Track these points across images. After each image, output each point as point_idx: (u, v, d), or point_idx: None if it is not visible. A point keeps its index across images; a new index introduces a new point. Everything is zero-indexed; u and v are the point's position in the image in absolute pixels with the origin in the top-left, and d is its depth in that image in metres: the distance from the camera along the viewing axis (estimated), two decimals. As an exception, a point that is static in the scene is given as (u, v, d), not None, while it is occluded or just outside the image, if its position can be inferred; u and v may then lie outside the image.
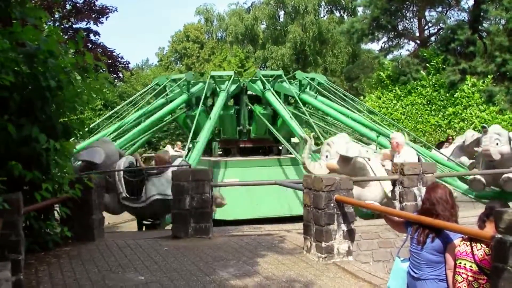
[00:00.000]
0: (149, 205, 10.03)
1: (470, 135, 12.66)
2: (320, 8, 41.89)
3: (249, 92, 16.99)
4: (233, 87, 16.21)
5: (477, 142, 11.23)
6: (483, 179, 10.74)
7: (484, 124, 12.15)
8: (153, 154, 18.21)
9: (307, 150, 9.80)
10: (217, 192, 10.58)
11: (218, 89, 15.99)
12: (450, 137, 19.86)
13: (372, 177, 9.32)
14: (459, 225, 3.97)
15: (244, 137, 16.81)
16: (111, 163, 10.03)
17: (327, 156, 9.44)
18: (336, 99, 16.23)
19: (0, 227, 4.78)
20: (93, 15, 19.25)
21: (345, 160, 9.16)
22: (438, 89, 24.61)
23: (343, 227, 6.37)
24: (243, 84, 16.90)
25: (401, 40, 30.65)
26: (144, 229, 11.09)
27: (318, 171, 9.43)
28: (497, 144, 10.52)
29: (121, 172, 9.94)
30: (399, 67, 26.15)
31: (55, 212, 7.33)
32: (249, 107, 16.59)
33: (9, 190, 5.39)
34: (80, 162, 10.03)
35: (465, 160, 12.73)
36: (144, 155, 18.06)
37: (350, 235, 6.42)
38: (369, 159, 9.41)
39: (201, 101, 14.76)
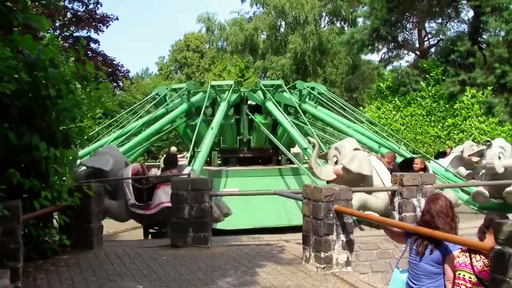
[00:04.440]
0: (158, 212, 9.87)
1: (468, 146, 12.81)
2: (320, 19, 42.10)
3: (249, 102, 17.01)
4: (234, 96, 16.25)
5: (481, 154, 11.29)
6: (486, 192, 10.75)
7: (489, 138, 12.24)
8: (154, 163, 18.18)
9: (315, 155, 9.75)
10: (222, 202, 10.50)
11: (219, 99, 16.02)
12: (449, 148, 19.92)
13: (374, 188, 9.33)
14: (458, 236, 3.96)
15: (244, 147, 16.81)
16: (118, 171, 9.98)
17: (336, 162, 9.42)
18: (336, 109, 16.31)
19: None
20: (94, 24, 19.33)
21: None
22: (437, 100, 24.68)
23: (342, 237, 6.35)
24: (243, 93, 16.93)
25: (401, 51, 30.85)
26: (150, 237, 11.02)
27: (325, 176, 9.39)
28: (500, 157, 10.55)
29: (129, 180, 9.86)
30: (398, 78, 26.25)
31: (54, 220, 7.32)
32: (249, 117, 16.61)
33: (9, 197, 5.39)
34: (84, 168, 10.00)
35: (462, 170, 12.85)
36: (145, 164, 18.04)
37: (349, 245, 6.41)
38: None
39: (202, 111, 14.80)
